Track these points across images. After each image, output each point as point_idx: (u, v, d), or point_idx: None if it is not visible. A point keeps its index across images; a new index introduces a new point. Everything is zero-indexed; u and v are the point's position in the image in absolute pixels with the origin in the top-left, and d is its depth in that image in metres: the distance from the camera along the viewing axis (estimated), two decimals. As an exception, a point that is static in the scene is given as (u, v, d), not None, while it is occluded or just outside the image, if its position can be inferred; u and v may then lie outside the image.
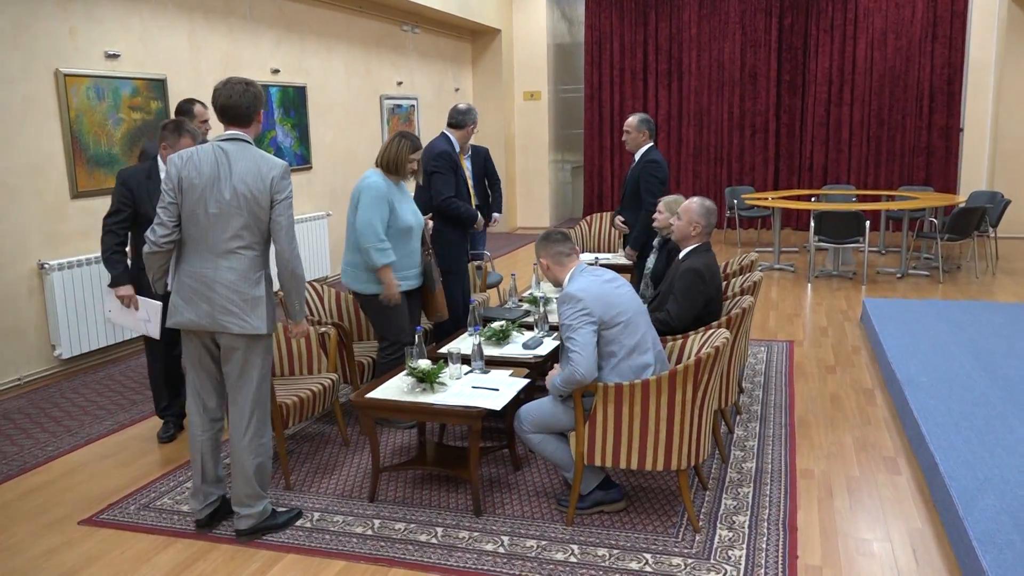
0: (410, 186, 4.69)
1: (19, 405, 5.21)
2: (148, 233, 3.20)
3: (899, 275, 8.74)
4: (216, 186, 3.12)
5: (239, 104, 3.18)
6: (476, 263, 6.50)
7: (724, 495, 3.71)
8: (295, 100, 8.35)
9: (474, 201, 5.27)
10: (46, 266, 5.63)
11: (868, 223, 8.36)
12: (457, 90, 12.30)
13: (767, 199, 10.11)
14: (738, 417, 4.66)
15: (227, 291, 3.17)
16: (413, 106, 10.98)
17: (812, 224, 8.51)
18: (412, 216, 4.49)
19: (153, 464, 4.27)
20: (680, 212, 4.18)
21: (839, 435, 4.42)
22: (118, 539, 3.49)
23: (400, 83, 10.61)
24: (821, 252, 9.90)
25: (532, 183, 13.47)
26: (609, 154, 13.16)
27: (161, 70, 6.63)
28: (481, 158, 6.51)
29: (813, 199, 10.71)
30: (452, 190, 5.01)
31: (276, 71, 8.05)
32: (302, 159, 8.52)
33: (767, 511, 3.55)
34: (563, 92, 14.00)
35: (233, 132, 3.22)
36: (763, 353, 5.95)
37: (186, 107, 4.92)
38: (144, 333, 4.32)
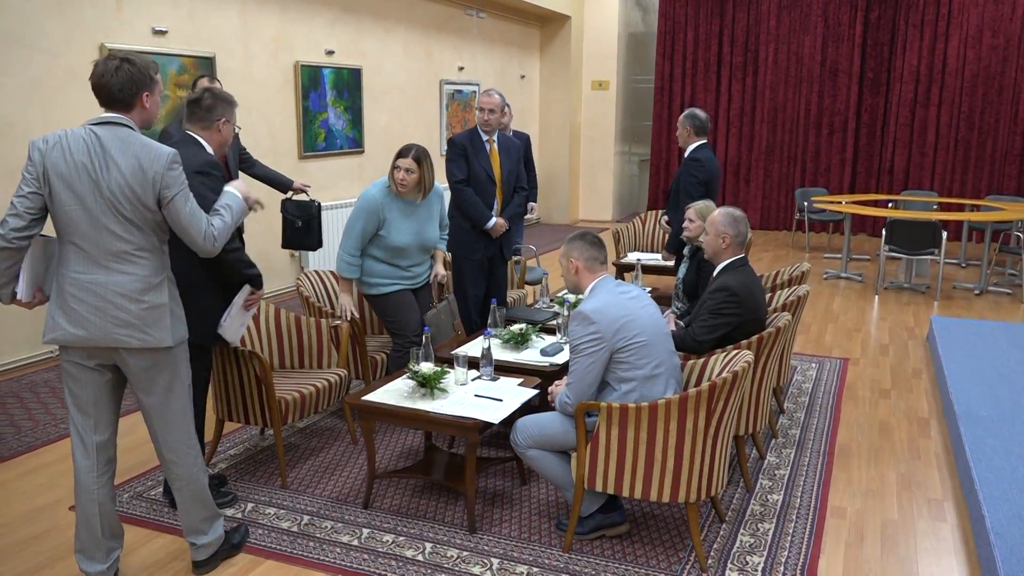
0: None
1: (47, 378, 5.23)
2: None
3: (977, 291, 8.12)
4: (91, 178, 2.61)
5: (109, 85, 2.64)
6: (515, 258, 6.26)
7: (742, 530, 3.40)
8: (349, 82, 8.23)
9: (500, 192, 5.02)
10: (82, 241, 5.63)
11: (945, 233, 7.78)
12: (523, 77, 12.04)
13: (840, 203, 9.56)
14: (773, 442, 4.31)
15: (124, 300, 2.67)
16: (475, 92, 10.77)
17: (884, 232, 7.97)
18: (408, 236, 4.31)
19: (158, 450, 4.19)
20: (706, 227, 3.85)
21: (882, 470, 4.04)
22: (103, 529, 3.39)
23: (462, 68, 10.41)
24: (895, 262, 9.32)
25: (596, 175, 13.13)
26: (677, 148, 12.69)
27: (210, 48, 6.58)
28: (518, 146, 5.52)
29: (890, 204, 10.10)
30: (463, 173, 4.89)
31: (331, 52, 7.94)
32: (354, 142, 8.41)
33: (786, 553, 3.23)
34: (636, 82, 13.58)
35: (109, 116, 2.68)
36: (813, 370, 5.55)
37: (195, 82, 4.93)
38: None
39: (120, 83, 2.65)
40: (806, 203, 10.31)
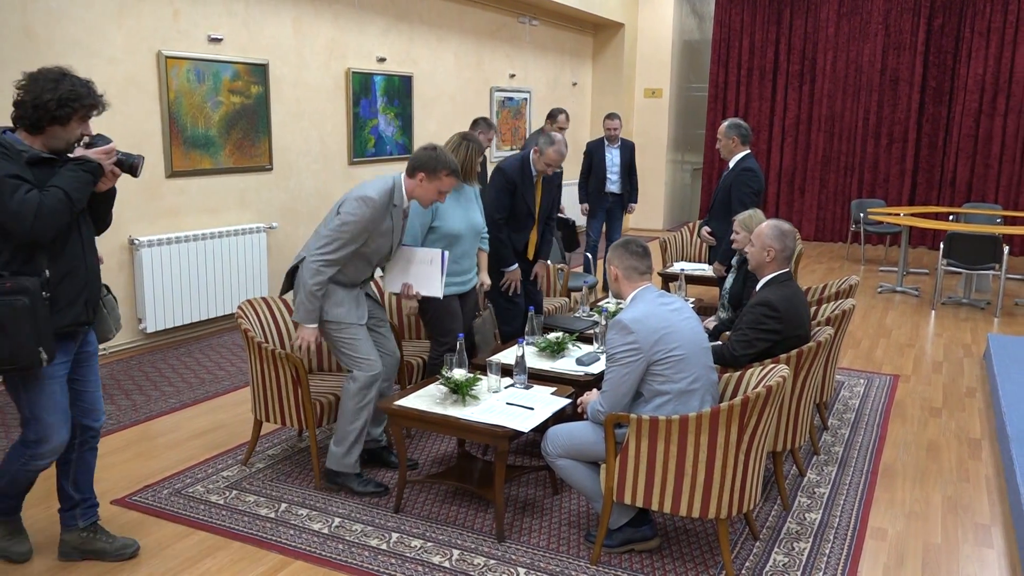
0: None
1: (140, 361, 5.38)
2: None
3: (1041, 309, 7.82)
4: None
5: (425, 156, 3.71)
6: (559, 265, 6.23)
7: (776, 549, 3.32)
8: (400, 89, 8.32)
9: (537, 229, 4.99)
10: (136, 242, 5.80)
11: (1007, 248, 7.51)
12: (575, 84, 12.02)
13: (898, 215, 9.30)
14: (814, 459, 4.21)
15: None
16: (526, 99, 10.79)
17: (942, 245, 7.73)
18: (462, 223, 4.26)
19: (199, 448, 4.28)
20: (752, 238, 3.77)
21: (927, 491, 3.91)
22: (141, 524, 3.47)
23: (513, 76, 10.44)
24: (954, 277, 9.03)
25: (647, 183, 12.94)
26: (730, 157, 12.52)
27: (264, 55, 6.71)
28: (628, 151, 8.09)
29: (951, 217, 9.80)
30: (505, 211, 4.79)
31: (382, 59, 8.04)
32: (403, 148, 8.49)
33: (821, 574, 3.14)
34: (689, 91, 13.45)
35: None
36: (861, 387, 5.40)
37: (555, 112, 7.04)
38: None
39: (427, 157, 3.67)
40: (862, 215, 10.07)
